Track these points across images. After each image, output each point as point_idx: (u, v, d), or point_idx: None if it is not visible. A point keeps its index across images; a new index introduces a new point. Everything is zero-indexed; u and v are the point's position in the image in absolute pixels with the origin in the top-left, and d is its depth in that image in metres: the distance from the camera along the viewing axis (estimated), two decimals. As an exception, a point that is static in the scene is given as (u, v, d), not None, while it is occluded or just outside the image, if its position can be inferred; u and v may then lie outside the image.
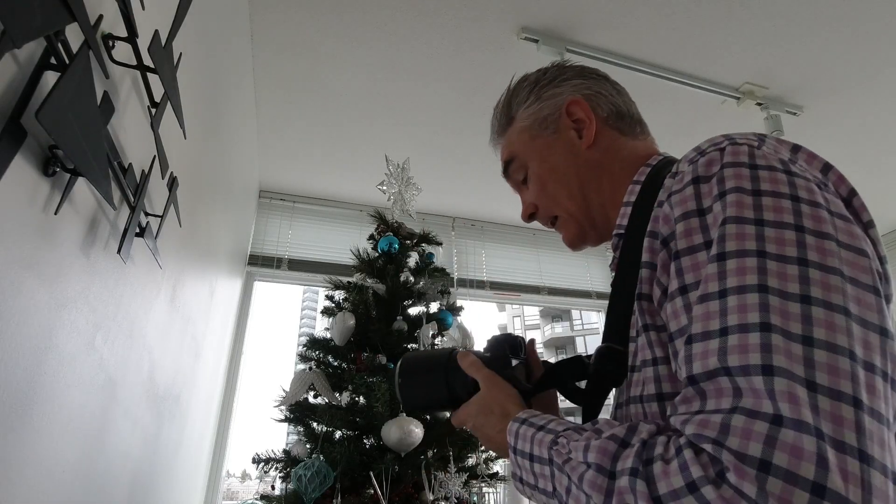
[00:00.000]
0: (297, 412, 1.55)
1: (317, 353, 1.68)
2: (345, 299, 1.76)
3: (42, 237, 0.63)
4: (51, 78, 0.60)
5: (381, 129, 2.38)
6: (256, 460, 1.51)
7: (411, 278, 1.81)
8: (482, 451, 1.63)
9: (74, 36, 0.64)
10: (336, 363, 1.68)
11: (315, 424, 1.54)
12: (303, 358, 1.69)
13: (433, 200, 2.97)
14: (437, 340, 1.75)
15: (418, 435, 1.40)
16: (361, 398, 1.57)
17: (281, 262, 2.73)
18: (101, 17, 0.70)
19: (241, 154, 2.09)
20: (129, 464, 1.06)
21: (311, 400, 1.58)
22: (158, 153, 0.95)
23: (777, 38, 1.90)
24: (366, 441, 1.54)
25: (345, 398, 1.60)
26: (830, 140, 2.50)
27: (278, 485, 1.53)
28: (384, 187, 1.89)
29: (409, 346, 1.68)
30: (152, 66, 0.83)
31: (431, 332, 1.69)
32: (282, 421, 1.58)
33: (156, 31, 0.83)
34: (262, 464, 1.51)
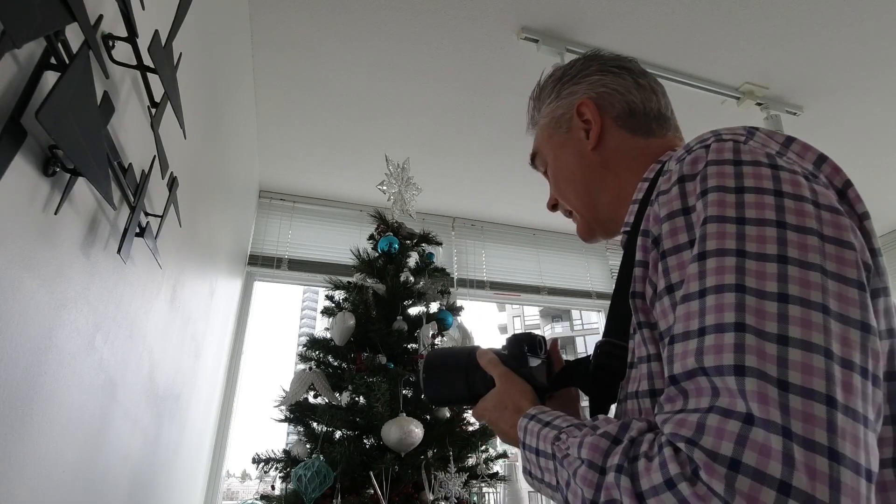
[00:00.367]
0: (297, 412, 1.55)
1: (317, 353, 1.68)
2: (345, 299, 1.76)
3: (42, 237, 0.63)
4: (51, 78, 0.60)
5: (381, 129, 2.38)
6: (256, 460, 1.51)
7: (411, 278, 1.81)
8: (482, 451, 1.63)
9: (74, 36, 0.64)
10: (336, 363, 1.68)
11: (315, 424, 1.54)
12: (303, 358, 1.69)
13: (433, 200, 2.97)
14: (437, 340, 1.75)
15: (418, 435, 1.40)
16: (361, 398, 1.57)
17: (281, 262, 2.73)
18: (101, 17, 0.70)
19: (241, 154, 2.09)
20: (129, 464, 1.06)
21: (311, 400, 1.58)
22: (158, 153, 0.95)
23: (777, 38, 1.91)
24: (366, 441, 1.54)
25: (345, 398, 1.60)
26: (830, 140, 2.50)
27: (278, 485, 1.53)
28: (384, 187, 1.89)
29: (408, 346, 1.69)
30: (152, 66, 0.83)
31: (431, 332, 1.69)
32: (282, 421, 1.58)
33: (156, 31, 0.83)
34: (262, 464, 1.51)
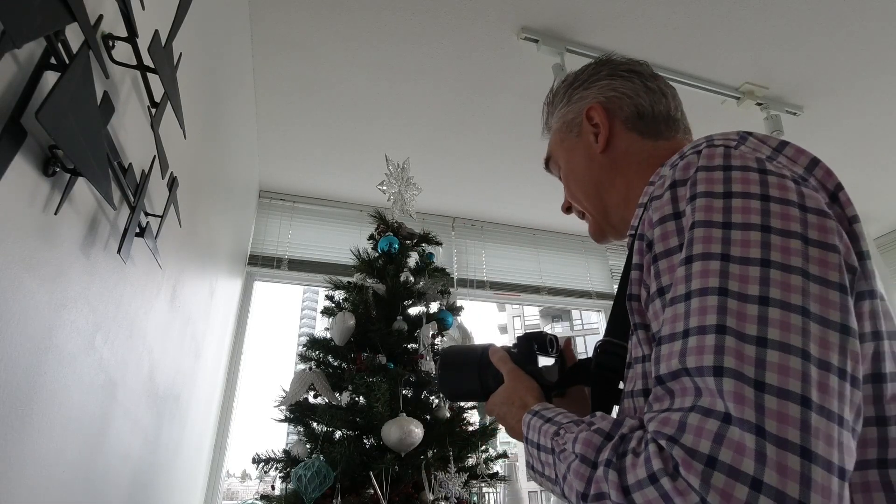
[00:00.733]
0: (297, 412, 1.55)
1: (317, 353, 1.68)
2: (345, 299, 1.76)
3: (42, 237, 0.63)
4: (51, 78, 0.60)
5: (381, 129, 2.38)
6: (256, 460, 1.51)
7: (411, 278, 1.81)
8: (482, 451, 1.63)
9: (74, 36, 0.64)
10: (336, 363, 1.68)
11: (315, 424, 1.54)
12: (303, 358, 1.69)
13: (433, 200, 2.97)
14: (437, 340, 1.75)
15: (418, 435, 1.40)
16: (361, 398, 1.57)
17: (281, 262, 2.73)
18: (101, 17, 0.70)
19: (241, 154, 2.09)
20: (129, 464, 1.06)
21: (311, 400, 1.58)
22: (158, 153, 0.95)
23: (777, 38, 1.91)
24: (366, 441, 1.54)
25: (345, 398, 1.60)
26: (830, 140, 2.50)
27: (278, 485, 1.53)
28: (384, 187, 1.89)
29: (408, 346, 1.69)
30: (152, 66, 0.83)
31: (431, 332, 1.69)
32: (282, 421, 1.58)
33: (156, 31, 0.83)
34: (262, 464, 1.51)
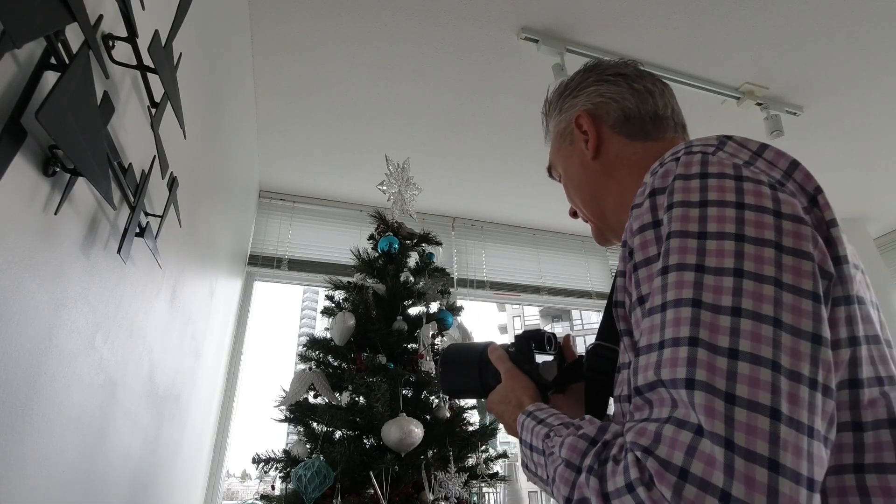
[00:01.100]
0: (297, 412, 1.55)
1: (317, 353, 1.68)
2: (345, 299, 1.76)
3: (42, 237, 0.63)
4: (51, 78, 0.60)
5: (381, 129, 2.38)
6: (256, 460, 1.51)
7: (411, 278, 1.81)
8: (482, 451, 1.63)
9: (74, 36, 0.64)
10: (336, 363, 1.68)
11: (315, 424, 1.54)
12: (303, 358, 1.69)
13: (433, 200, 2.97)
14: (437, 340, 1.75)
15: (418, 435, 1.40)
16: (361, 398, 1.57)
17: (281, 262, 2.73)
18: (101, 17, 0.70)
19: (241, 154, 2.09)
20: (129, 464, 1.06)
21: (311, 400, 1.58)
22: (158, 153, 0.95)
23: (777, 38, 1.91)
24: (366, 441, 1.54)
25: (345, 398, 1.60)
26: (830, 140, 2.50)
27: (278, 485, 1.53)
28: (384, 187, 1.89)
29: (408, 346, 1.69)
30: (152, 66, 0.83)
31: (431, 332, 1.69)
32: (282, 421, 1.59)
33: (156, 31, 0.83)
34: (262, 464, 1.51)
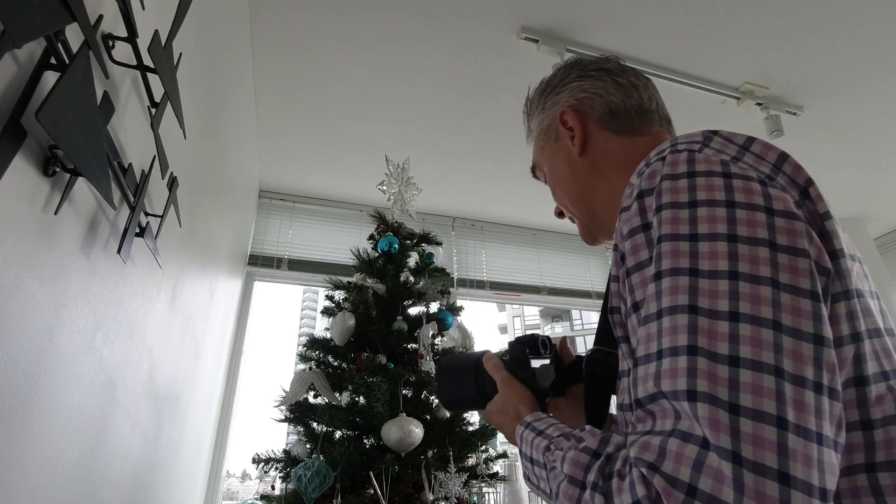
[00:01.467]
0: (297, 412, 1.55)
1: (317, 353, 1.68)
2: (345, 299, 1.76)
3: (42, 237, 0.63)
4: (51, 78, 0.60)
5: (381, 130, 2.38)
6: (256, 460, 1.51)
7: (411, 278, 1.81)
8: (482, 451, 1.63)
9: (74, 36, 0.64)
10: (336, 363, 1.68)
11: (315, 424, 1.54)
12: (303, 358, 1.69)
13: (433, 200, 2.97)
14: (437, 340, 1.75)
15: (418, 435, 1.40)
16: (361, 398, 1.57)
17: (281, 262, 2.73)
18: (101, 17, 0.70)
19: (241, 154, 2.09)
20: (129, 464, 1.06)
21: (311, 400, 1.58)
22: (158, 153, 0.95)
23: (777, 38, 1.91)
24: (366, 441, 1.54)
25: (345, 398, 1.60)
26: (830, 140, 2.50)
27: (278, 485, 1.53)
28: (384, 187, 1.89)
29: (408, 346, 1.69)
30: (152, 66, 0.83)
31: (431, 332, 1.69)
32: (282, 421, 1.58)
33: (156, 31, 0.83)
34: (262, 464, 1.51)
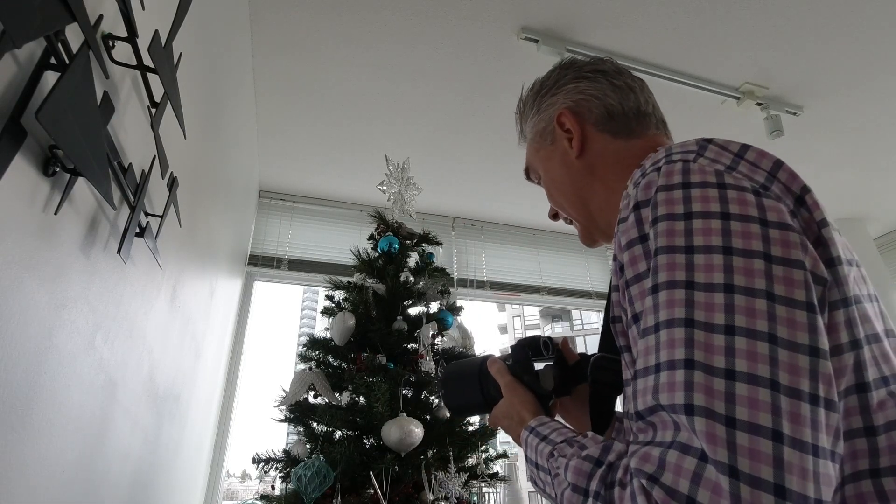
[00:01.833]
0: (297, 412, 1.55)
1: (317, 353, 1.68)
2: (345, 299, 1.76)
3: (42, 237, 0.63)
4: (51, 78, 0.60)
5: (381, 130, 2.38)
6: (256, 460, 1.51)
7: (411, 278, 1.81)
8: (482, 451, 1.63)
9: (74, 36, 0.64)
10: (336, 363, 1.68)
11: (315, 424, 1.54)
12: (303, 358, 1.69)
13: (433, 200, 2.97)
14: (437, 340, 1.75)
15: (418, 435, 1.40)
16: (361, 398, 1.57)
17: (281, 262, 2.73)
18: (101, 17, 0.70)
19: (241, 154, 2.09)
20: (129, 464, 1.06)
21: (311, 400, 1.58)
22: (158, 153, 0.95)
23: (777, 38, 1.91)
24: (366, 441, 1.54)
25: (345, 398, 1.60)
26: (830, 140, 2.50)
27: (278, 485, 1.53)
28: (384, 187, 1.89)
29: (408, 346, 1.69)
30: (152, 66, 0.83)
31: (431, 332, 1.69)
32: (282, 421, 1.58)
33: (156, 31, 0.83)
34: (262, 464, 1.51)
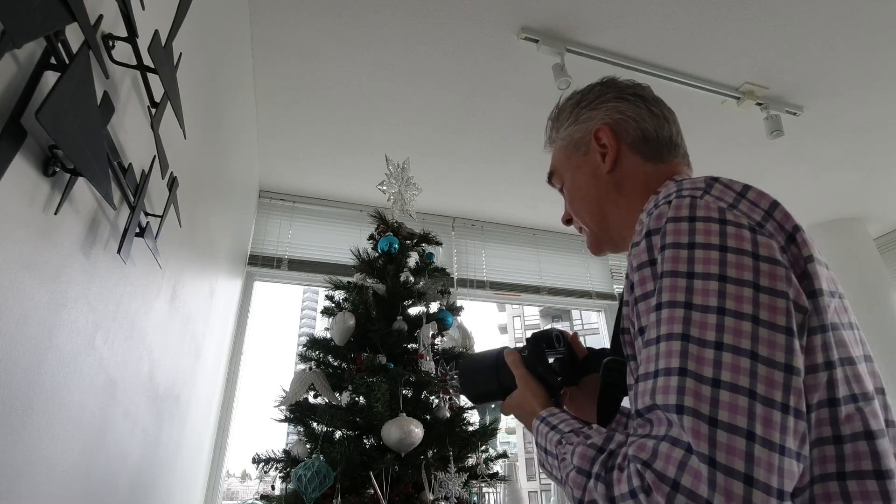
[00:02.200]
0: (297, 412, 1.55)
1: (317, 353, 1.68)
2: (345, 299, 1.76)
3: (42, 237, 0.63)
4: (51, 78, 0.60)
5: (381, 129, 2.38)
6: (256, 460, 1.51)
7: (411, 278, 1.81)
8: (482, 451, 1.63)
9: (74, 36, 0.64)
10: (336, 363, 1.68)
11: (315, 424, 1.54)
12: (303, 358, 1.69)
13: (433, 200, 2.97)
14: (437, 340, 1.75)
15: (418, 435, 1.40)
16: (361, 398, 1.57)
17: (281, 262, 2.73)
18: (101, 17, 0.70)
19: (241, 154, 2.09)
20: (129, 464, 1.06)
21: (311, 400, 1.57)
22: (158, 153, 0.95)
23: (777, 38, 1.91)
24: (366, 441, 1.54)
25: (345, 398, 1.60)
26: (830, 140, 2.50)
27: (278, 485, 1.52)
28: (384, 187, 1.89)
29: (408, 346, 1.69)
30: (152, 66, 0.84)
31: (431, 332, 1.69)
32: (282, 421, 1.58)
33: (156, 31, 0.83)
34: (262, 464, 1.51)
